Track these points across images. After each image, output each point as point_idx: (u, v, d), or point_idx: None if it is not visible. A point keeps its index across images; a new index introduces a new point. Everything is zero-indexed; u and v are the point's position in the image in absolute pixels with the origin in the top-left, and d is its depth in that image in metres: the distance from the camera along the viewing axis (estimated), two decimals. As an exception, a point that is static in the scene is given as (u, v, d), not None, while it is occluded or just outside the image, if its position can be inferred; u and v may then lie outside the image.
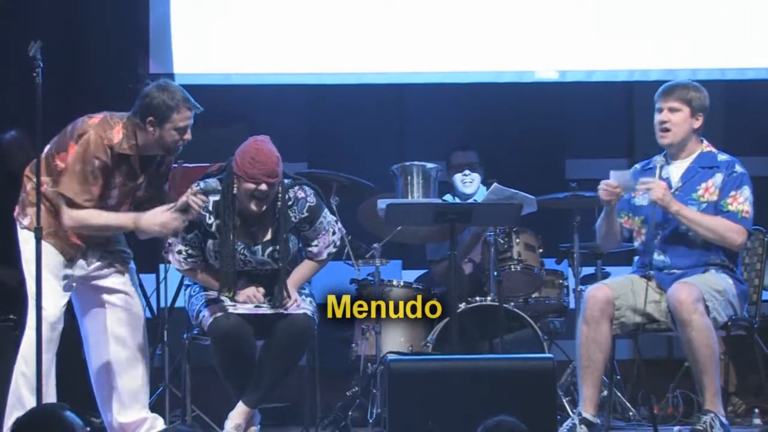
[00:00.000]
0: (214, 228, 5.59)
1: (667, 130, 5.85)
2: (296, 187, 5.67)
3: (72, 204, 5.39)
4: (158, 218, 5.40)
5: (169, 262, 5.78)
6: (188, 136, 5.42)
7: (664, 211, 5.78)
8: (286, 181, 5.65)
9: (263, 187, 5.47)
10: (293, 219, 5.65)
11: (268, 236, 5.65)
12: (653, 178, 5.82)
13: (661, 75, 7.69)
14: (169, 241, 5.65)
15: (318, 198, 5.73)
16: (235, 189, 5.53)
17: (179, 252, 5.65)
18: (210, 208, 5.57)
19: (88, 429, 5.12)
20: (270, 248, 5.65)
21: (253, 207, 5.52)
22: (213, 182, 5.61)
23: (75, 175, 5.37)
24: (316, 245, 5.75)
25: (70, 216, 5.41)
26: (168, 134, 5.37)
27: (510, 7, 8.02)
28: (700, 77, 6.78)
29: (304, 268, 5.77)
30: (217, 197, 5.59)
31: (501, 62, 8.02)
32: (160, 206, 5.47)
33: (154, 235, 5.51)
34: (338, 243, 5.82)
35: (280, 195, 5.61)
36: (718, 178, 5.85)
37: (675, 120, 5.85)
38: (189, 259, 5.67)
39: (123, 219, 5.47)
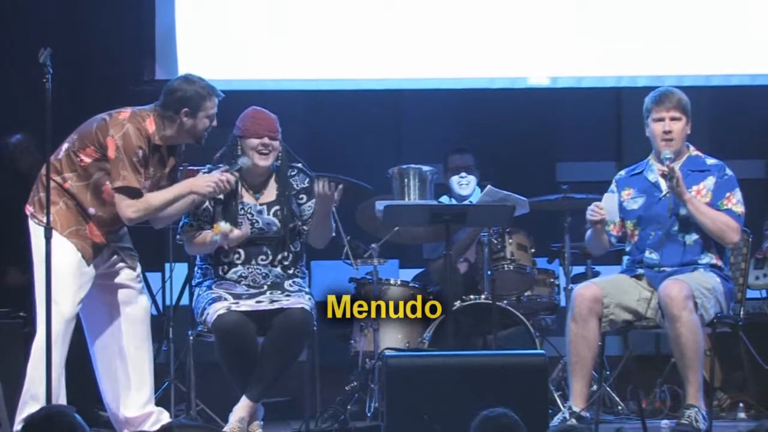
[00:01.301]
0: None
1: (671, 139, 5.91)
2: (300, 165, 5.96)
3: (133, 194, 5.50)
4: (211, 177, 5.64)
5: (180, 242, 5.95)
6: (215, 122, 5.67)
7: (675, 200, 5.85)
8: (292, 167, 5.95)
9: (266, 140, 5.79)
10: (295, 186, 5.92)
11: (272, 198, 5.89)
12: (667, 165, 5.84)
13: (648, 81, 7.73)
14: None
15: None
16: (239, 151, 5.80)
17: (191, 226, 5.85)
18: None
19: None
20: (275, 208, 5.88)
21: (259, 162, 5.81)
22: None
23: (128, 166, 5.48)
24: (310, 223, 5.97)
25: (135, 207, 5.51)
26: (200, 122, 5.61)
27: (503, 16, 8.03)
28: (686, 83, 6.76)
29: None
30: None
31: (494, 69, 8.04)
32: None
33: (199, 199, 5.68)
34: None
35: (280, 161, 5.88)
36: (710, 181, 5.92)
37: (677, 129, 5.91)
38: (199, 231, 5.85)
39: (177, 189, 5.65)
